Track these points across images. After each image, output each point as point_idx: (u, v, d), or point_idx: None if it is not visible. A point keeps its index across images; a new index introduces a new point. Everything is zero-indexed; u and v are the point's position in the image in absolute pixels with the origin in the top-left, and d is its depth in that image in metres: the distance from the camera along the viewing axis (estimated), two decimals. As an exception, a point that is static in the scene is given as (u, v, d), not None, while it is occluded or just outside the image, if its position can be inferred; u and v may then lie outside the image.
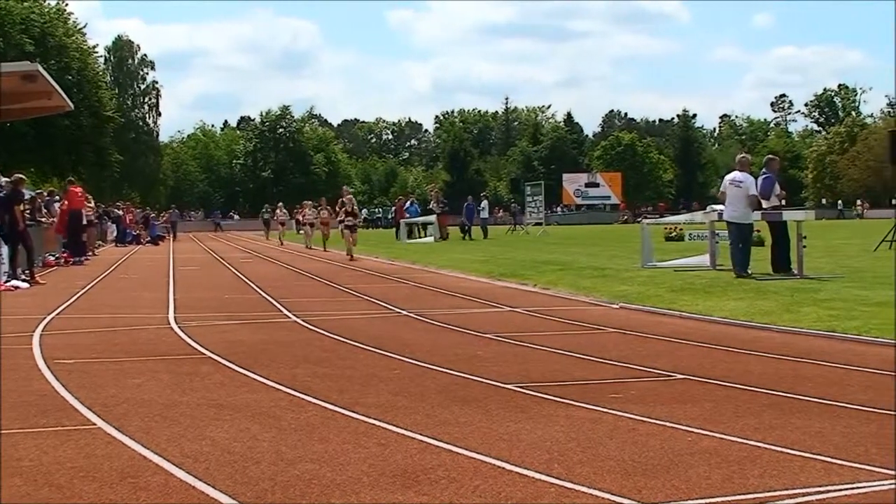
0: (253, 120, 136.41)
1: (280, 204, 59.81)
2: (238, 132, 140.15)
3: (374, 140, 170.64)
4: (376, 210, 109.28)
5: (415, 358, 10.15)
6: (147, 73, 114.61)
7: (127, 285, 21.76)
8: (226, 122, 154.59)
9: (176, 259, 34.70)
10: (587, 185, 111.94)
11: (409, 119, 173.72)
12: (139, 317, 14.64)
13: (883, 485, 5.35)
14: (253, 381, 8.94)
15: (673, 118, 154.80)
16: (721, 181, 20.66)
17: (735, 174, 19.71)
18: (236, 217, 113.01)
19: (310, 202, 50.50)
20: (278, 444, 6.37)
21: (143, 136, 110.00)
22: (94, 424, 7.05)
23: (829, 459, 5.86)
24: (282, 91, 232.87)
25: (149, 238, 53.94)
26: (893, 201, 32.83)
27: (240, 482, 5.49)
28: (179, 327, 13.15)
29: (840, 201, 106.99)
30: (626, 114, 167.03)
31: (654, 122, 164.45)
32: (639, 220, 47.26)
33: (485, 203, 56.35)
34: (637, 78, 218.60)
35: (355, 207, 33.78)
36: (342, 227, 33.38)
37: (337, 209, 34.35)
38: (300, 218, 50.42)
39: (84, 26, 77.74)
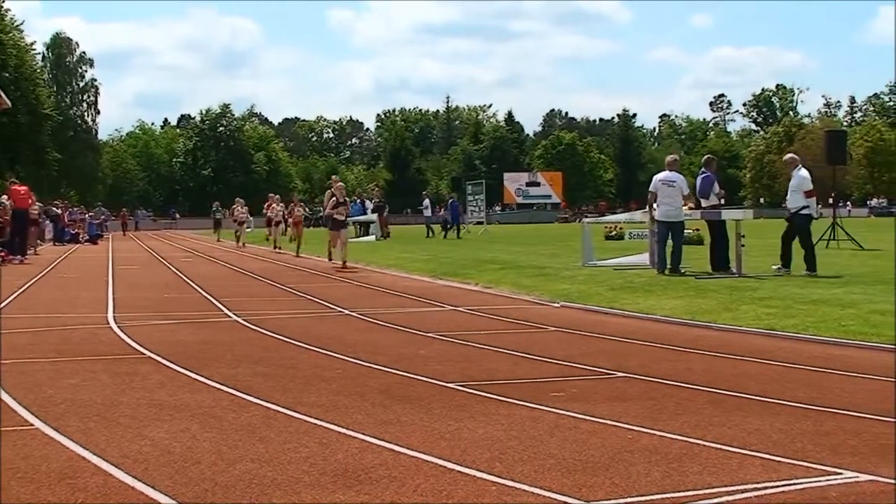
0: (193, 118, 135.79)
1: (241, 200, 49.03)
2: (178, 130, 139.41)
3: (314, 139, 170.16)
4: (318, 209, 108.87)
5: (357, 357, 10.14)
6: (86, 71, 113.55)
7: (66, 284, 21.54)
8: (166, 120, 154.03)
9: (115, 258, 34.41)
10: (528, 185, 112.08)
11: (351, 118, 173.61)
12: (78, 316, 14.51)
13: (819, 481, 5.41)
14: (193, 380, 8.89)
15: (613, 118, 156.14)
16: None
17: (666, 174, 20.05)
18: (176, 216, 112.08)
19: (277, 196, 43.32)
20: (219, 444, 6.34)
21: (81, 135, 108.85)
22: (32, 425, 6.99)
23: (767, 456, 5.92)
24: (222, 90, 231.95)
25: (87, 237, 53.42)
26: (830, 200, 33.19)
27: (180, 482, 5.46)
28: (119, 327, 13.05)
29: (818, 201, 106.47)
30: (566, 113, 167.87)
31: (594, 121, 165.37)
32: (576, 218, 47.40)
33: (427, 202, 56.35)
34: (577, 78, 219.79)
35: (346, 199, 27.92)
36: (329, 226, 27.35)
37: (325, 202, 28.19)
38: (269, 214, 42.00)
39: (21, 23, 77.19)
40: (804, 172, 19.28)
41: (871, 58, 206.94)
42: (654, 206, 20.11)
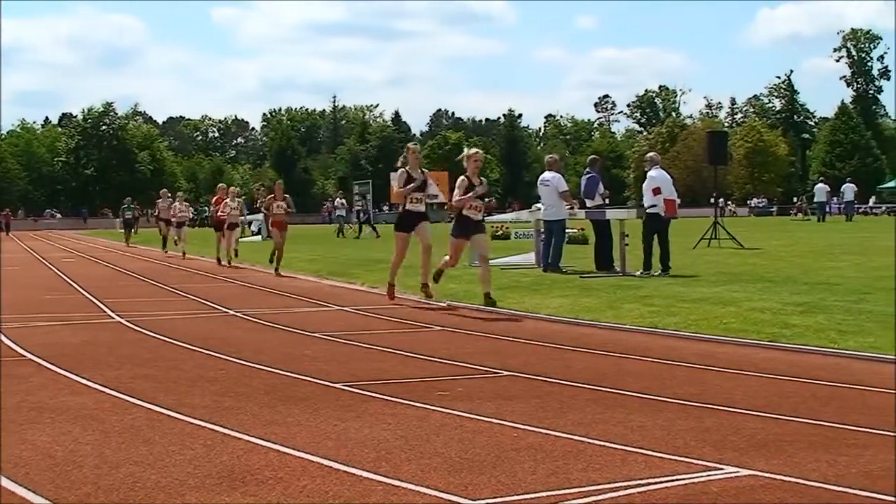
0: (75, 117, 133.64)
1: (179, 194, 38.79)
2: (60, 129, 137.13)
3: (200, 138, 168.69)
4: (204, 208, 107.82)
5: (242, 358, 10.07)
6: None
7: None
8: (47, 118, 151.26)
9: (-6, 259, 33.77)
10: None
11: (236, 117, 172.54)
12: (-45, 318, 14.22)
13: (701, 476, 5.49)
14: (75, 383, 8.76)
15: (499, 118, 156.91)
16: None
17: (543, 174, 20.57)
18: (58, 216, 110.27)
19: (233, 188, 31.61)
20: (101, 447, 6.26)
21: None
22: None
23: (649, 453, 6.00)
24: (105, 88, 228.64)
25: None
26: (711, 200, 33.85)
27: (62, 486, 5.38)
28: (-2, 329, 12.81)
29: (723, 199, 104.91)
30: (453, 113, 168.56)
31: (480, 121, 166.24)
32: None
33: (342, 202, 56.03)
34: (464, 78, 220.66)
35: (481, 182, 16.30)
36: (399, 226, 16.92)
37: (398, 182, 16.78)
38: (218, 213, 29.43)
39: None
40: (653, 172, 19.60)
41: (750, 60, 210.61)
42: (539, 206, 20.59)
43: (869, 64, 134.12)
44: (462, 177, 16.02)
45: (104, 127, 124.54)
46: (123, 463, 5.88)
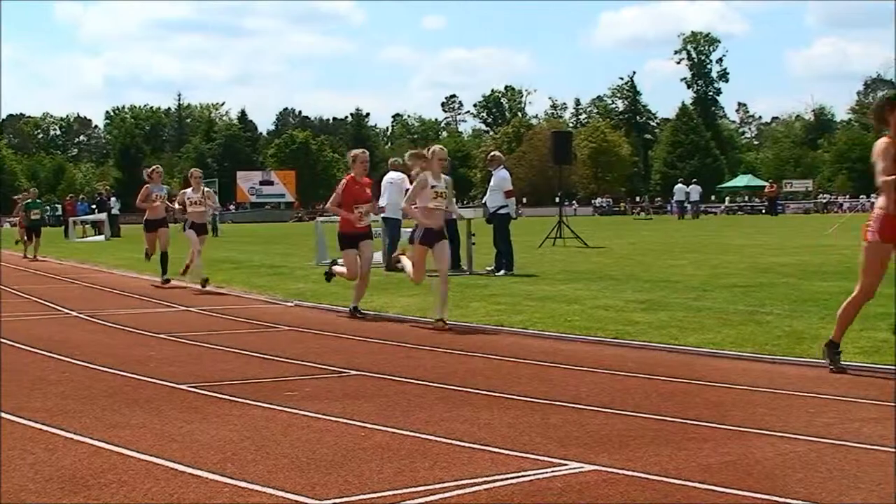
0: None
1: (194, 172, 21.03)
2: None
3: (40, 136, 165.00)
4: (46, 208, 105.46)
5: (84, 360, 9.90)
6: None
7: None
8: None
9: None
10: (261, 183, 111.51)
11: (78, 115, 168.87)
12: None
13: (546, 472, 5.57)
14: None
15: (346, 117, 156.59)
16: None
17: (389, 174, 20.70)
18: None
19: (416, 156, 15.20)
20: (-63, 453, 6.10)
21: None
22: None
23: (496, 450, 6.06)
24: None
25: None
26: (556, 199, 34.37)
27: None
28: None
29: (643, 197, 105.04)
30: (300, 112, 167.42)
31: (327, 120, 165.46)
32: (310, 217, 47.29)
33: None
34: (311, 76, 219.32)
35: None
36: None
37: None
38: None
39: None
40: (504, 173, 19.84)
41: (594, 61, 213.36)
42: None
43: (708, 66, 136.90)
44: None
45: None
46: (-39, 469, 5.74)
